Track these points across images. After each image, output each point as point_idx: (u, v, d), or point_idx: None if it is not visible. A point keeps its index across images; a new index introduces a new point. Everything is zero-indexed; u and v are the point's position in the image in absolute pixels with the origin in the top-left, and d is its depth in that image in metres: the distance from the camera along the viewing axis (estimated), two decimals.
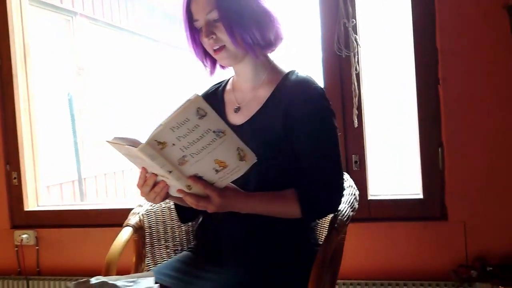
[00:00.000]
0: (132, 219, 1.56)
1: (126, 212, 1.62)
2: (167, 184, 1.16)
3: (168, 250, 1.63)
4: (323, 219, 1.51)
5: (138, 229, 1.56)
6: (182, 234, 1.68)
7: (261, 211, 1.25)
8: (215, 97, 1.45)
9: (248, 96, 1.37)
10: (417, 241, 1.90)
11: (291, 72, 1.35)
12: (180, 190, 1.14)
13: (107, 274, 1.40)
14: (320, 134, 1.27)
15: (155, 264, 1.58)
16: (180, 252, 1.59)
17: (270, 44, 1.34)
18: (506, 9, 1.77)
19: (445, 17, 1.83)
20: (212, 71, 1.43)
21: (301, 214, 1.25)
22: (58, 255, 2.27)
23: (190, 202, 1.15)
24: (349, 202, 1.42)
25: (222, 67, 1.41)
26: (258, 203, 1.24)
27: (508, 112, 1.80)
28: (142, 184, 1.18)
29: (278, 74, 1.36)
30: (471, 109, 1.83)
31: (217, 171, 1.11)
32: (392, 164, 3.29)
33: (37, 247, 2.27)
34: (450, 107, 1.85)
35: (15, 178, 2.30)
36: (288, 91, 1.30)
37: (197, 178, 1.11)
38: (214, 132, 1.06)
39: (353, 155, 1.96)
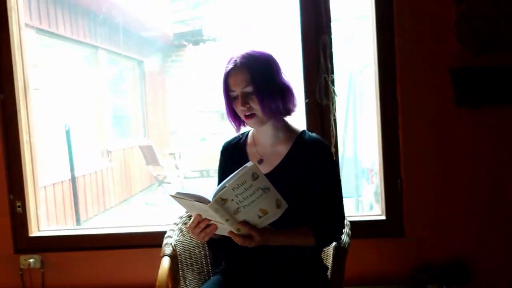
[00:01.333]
0: (167, 249, 1.87)
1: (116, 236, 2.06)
2: (216, 227, 1.51)
3: (194, 273, 1.96)
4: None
5: (173, 258, 1.87)
6: (202, 259, 2.01)
7: (286, 243, 1.62)
8: (237, 149, 1.80)
9: (269, 150, 1.74)
10: (380, 253, 2.38)
11: (303, 132, 1.73)
12: (230, 232, 1.49)
13: None
14: (331, 183, 1.68)
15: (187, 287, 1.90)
16: (207, 276, 1.94)
17: (289, 112, 1.72)
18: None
19: (404, 76, 2.32)
20: (238, 129, 1.79)
21: (316, 243, 1.65)
22: (63, 277, 2.49)
23: (237, 241, 1.50)
24: (347, 232, 1.86)
25: (243, 124, 1.77)
26: (284, 238, 1.61)
27: (451, 156, 2.33)
28: (194, 227, 1.52)
29: (293, 133, 1.73)
30: (425, 150, 2.33)
31: (260, 217, 1.49)
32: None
33: (42, 270, 2.48)
34: (407, 148, 2.34)
35: (19, 207, 2.48)
36: (306, 148, 1.68)
37: (245, 223, 1.48)
38: (262, 189, 1.44)
39: None
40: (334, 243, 1.80)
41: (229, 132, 1.85)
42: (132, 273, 2.46)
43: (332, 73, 2.35)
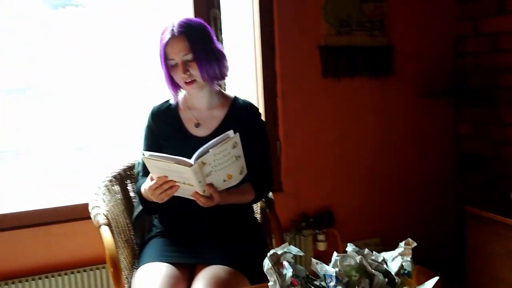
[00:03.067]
0: (101, 219, 1.82)
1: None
2: (178, 188, 1.59)
3: (123, 241, 1.94)
4: None
5: (109, 226, 1.83)
6: (126, 227, 2.00)
7: (235, 201, 1.78)
8: (169, 114, 1.87)
9: (205, 115, 1.85)
10: None
11: (235, 97, 1.89)
12: (195, 193, 1.60)
13: (116, 269, 1.69)
14: (264, 144, 1.90)
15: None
16: (132, 243, 1.96)
17: (224, 76, 1.86)
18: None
19: (282, 51, 2.63)
20: (176, 96, 1.85)
21: (254, 198, 1.85)
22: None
23: (201, 201, 1.60)
24: None
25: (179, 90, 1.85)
26: (234, 197, 1.76)
27: (319, 119, 2.73)
28: (155, 188, 1.59)
29: (226, 98, 1.88)
30: (299, 116, 2.69)
31: (224, 180, 1.63)
32: None
33: None
34: (285, 114, 2.67)
35: None
36: (242, 112, 1.85)
37: (211, 185, 1.60)
38: (235, 156, 1.59)
39: None
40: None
41: None
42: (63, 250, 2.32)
43: (222, 45, 2.52)
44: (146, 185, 1.67)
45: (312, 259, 1.23)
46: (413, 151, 2.98)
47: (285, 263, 1.19)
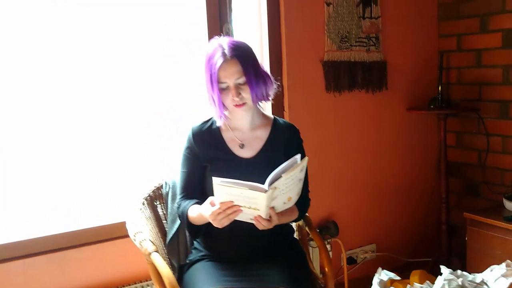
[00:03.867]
0: (149, 246, 1.76)
1: None
2: (240, 212, 1.57)
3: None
4: None
5: (158, 252, 1.78)
6: (163, 249, 1.95)
7: (284, 222, 1.79)
8: (211, 135, 1.84)
9: (248, 135, 1.85)
10: None
11: (275, 117, 1.91)
12: (258, 217, 1.59)
13: None
14: None
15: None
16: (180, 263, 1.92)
17: (269, 97, 1.87)
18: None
19: (290, 66, 2.66)
20: (223, 119, 1.82)
21: (298, 216, 1.88)
22: None
23: (262, 224, 1.60)
24: None
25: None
26: (284, 217, 1.76)
27: (324, 131, 2.80)
28: (218, 213, 1.56)
29: (267, 118, 1.90)
30: (305, 129, 2.72)
31: (284, 203, 1.64)
32: None
33: None
34: None
35: None
36: (284, 132, 1.87)
37: (272, 208, 1.61)
38: (299, 179, 1.62)
39: None
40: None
41: None
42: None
43: None
44: (205, 210, 1.63)
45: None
46: (403, 161, 3.13)
47: None
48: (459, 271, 1.29)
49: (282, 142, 1.85)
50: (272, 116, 1.91)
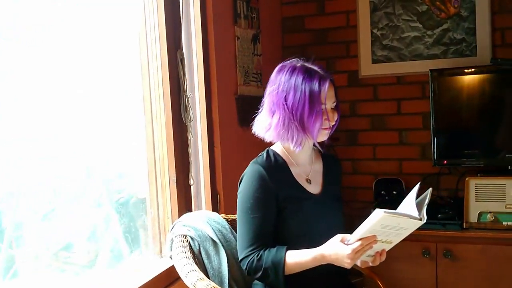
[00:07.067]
0: None
1: None
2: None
3: None
4: None
5: None
6: None
7: None
8: (280, 171, 1.68)
9: (308, 169, 1.77)
10: None
11: (320, 150, 1.84)
12: (382, 250, 1.56)
13: None
14: None
15: None
16: None
17: None
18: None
19: (218, 99, 2.50)
20: (299, 148, 1.68)
21: None
22: None
23: (381, 259, 1.57)
24: None
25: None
26: None
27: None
28: (359, 250, 1.49)
29: (317, 151, 1.83)
30: (232, 164, 2.59)
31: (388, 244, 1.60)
32: None
33: None
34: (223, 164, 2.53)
35: None
36: (332, 164, 1.85)
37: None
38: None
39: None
40: None
41: None
42: None
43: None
44: (339, 249, 1.50)
45: None
46: None
47: None
48: None
49: (335, 174, 1.82)
50: (316, 147, 1.84)
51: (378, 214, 1.41)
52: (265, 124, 1.68)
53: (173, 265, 2.03)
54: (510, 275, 2.65)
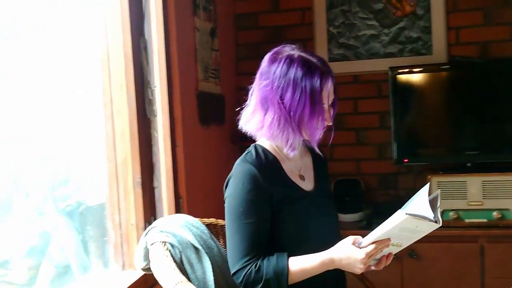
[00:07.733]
0: None
1: None
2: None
3: None
4: None
5: None
6: None
7: None
8: (272, 169, 1.52)
9: (299, 164, 1.62)
10: None
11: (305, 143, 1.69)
12: (390, 254, 1.44)
13: None
14: None
15: None
16: None
17: None
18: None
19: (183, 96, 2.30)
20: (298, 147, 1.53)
21: None
22: None
23: (386, 262, 1.44)
24: None
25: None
26: None
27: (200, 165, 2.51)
28: (373, 254, 1.36)
29: (303, 144, 1.67)
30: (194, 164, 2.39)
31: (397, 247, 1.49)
32: None
33: None
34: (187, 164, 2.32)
35: None
36: (317, 156, 1.69)
37: None
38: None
39: None
40: None
41: None
42: None
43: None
44: (352, 252, 1.37)
45: None
46: None
47: None
48: None
49: (324, 169, 1.68)
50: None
51: (400, 217, 1.28)
52: (256, 122, 1.49)
53: (139, 279, 1.82)
54: (474, 272, 2.65)
